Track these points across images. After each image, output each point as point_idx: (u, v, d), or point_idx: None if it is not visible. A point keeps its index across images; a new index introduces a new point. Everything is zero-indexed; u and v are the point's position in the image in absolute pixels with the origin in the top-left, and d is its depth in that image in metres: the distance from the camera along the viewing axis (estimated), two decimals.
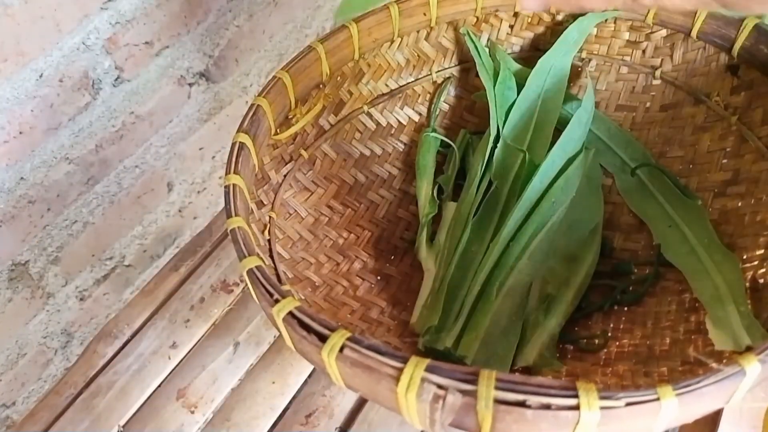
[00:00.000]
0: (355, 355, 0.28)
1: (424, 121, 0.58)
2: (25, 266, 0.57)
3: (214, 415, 0.48)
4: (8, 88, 0.48)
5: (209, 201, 0.76)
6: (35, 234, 0.57)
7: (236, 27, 0.67)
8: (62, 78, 0.52)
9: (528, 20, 0.57)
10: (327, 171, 0.53)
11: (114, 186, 0.62)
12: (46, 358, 0.65)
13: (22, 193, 0.53)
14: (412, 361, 0.27)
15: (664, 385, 0.26)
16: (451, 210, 0.52)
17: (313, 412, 0.47)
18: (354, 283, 0.50)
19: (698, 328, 0.42)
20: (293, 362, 0.50)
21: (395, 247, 0.54)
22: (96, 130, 0.57)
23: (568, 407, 0.26)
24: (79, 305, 0.65)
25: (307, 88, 0.49)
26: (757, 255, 0.43)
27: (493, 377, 0.26)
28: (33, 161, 0.53)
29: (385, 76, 0.56)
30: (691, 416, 0.28)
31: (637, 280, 0.48)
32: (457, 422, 0.28)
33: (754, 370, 0.27)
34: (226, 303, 0.54)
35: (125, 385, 0.50)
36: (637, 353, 0.42)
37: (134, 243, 0.68)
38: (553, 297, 0.47)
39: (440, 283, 0.47)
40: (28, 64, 0.49)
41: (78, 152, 0.57)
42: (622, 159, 0.54)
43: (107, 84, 0.56)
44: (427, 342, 0.44)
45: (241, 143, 0.41)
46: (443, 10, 0.53)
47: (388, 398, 0.28)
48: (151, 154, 0.64)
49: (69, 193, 0.58)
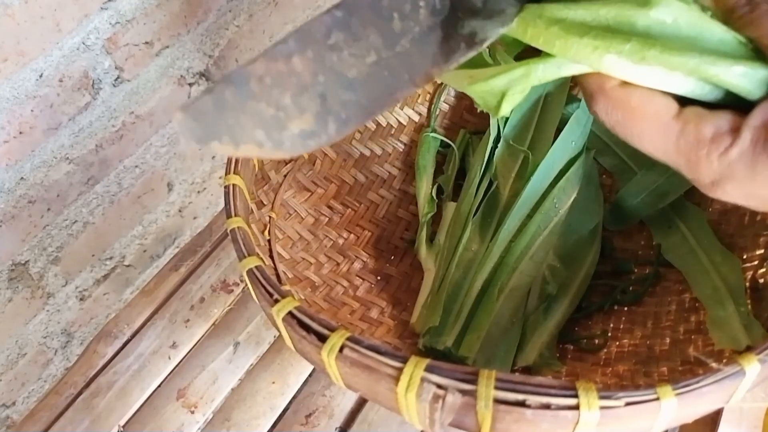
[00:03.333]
0: (354, 355, 0.28)
1: (424, 121, 0.58)
2: (25, 266, 0.57)
3: (214, 415, 0.48)
4: (8, 88, 0.48)
5: (209, 201, 0.76)
6: (35, 234, 0.57)
7: (236, 27, 0.67)
8: (62, 78, 0.52)
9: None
10: (327, 171, 0.53)
11: (114, 186, 0.62)
12: (46, 358, 0.65)
13: (22, 193, 0.53)
14: (412, 361, 0.27)
15: (664, 385, 0.26)
16: (450, 210, 0.52)
17: (313, 412, 0.47)
18: (354, 283, 0.50)
19: (698, 328, 0.42)
20: (293, 362, 0.50)
21: (395, 247, 0.54)
22: (96, 130, 0.57)
23: (568, 407, 0.26)
24: (79, 305, 0.65)
25: None
26: (757, 255, 0.43)
27: (493, 377, 0.26)
28: (33, 161, 0.53)
29: None
30: (691, 416, 0.28)
31: (637, 280, 0.48)
32: (456, 422, 0.28)
33: (753, 370, 0.27)
34: (226, 303, 0.54)
35: (125, 385, 0.50)
36: (637, 353, 0.42)
37: (134, 243, 0.68)
38: (553, 297, 0.47)
39: (440, 283, 0.47)
40: (28, 64, 0.49)
41: (78, 152, 0.57)
42: (622, 159, 0.54)
43: (107, 84, 0.56)
44: (427, 342, 0.44)
45: None
46: None
47: (388, 398, 0.28)
48: (151, 154, 0.64)
49: (69, 193, 0.58)
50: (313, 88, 0.23)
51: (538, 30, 0.25)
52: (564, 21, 0.24)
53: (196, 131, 0.21)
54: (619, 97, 0.24)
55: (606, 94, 0.25)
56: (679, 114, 0.24)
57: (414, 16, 0.24)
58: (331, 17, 0.23)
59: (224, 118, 0.21)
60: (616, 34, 0.24)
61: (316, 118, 0.23)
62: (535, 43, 0.25)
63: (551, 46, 0.24)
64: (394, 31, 0.24)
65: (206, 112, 0.21)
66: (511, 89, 0.26)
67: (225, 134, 0.21)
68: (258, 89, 0.22)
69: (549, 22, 0.25)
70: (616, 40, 0.23)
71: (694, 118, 0.24)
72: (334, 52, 0.23)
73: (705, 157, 0.23)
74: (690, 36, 0.23)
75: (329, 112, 0.23)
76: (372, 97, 0.24)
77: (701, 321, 0.42)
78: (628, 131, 0.25)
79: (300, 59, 0.22)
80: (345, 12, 0.23)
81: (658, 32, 0.23)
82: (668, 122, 0.24)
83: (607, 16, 0.24)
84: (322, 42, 0.23)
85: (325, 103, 0.23)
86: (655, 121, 0.24)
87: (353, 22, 0.23)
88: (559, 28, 0.24)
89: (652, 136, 0.24)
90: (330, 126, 0.23)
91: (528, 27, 0.25)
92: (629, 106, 0.24)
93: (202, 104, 0.21)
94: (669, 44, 0.23)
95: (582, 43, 0.24)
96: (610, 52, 0.23)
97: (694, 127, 0.23)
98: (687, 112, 0.24)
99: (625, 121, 0.25)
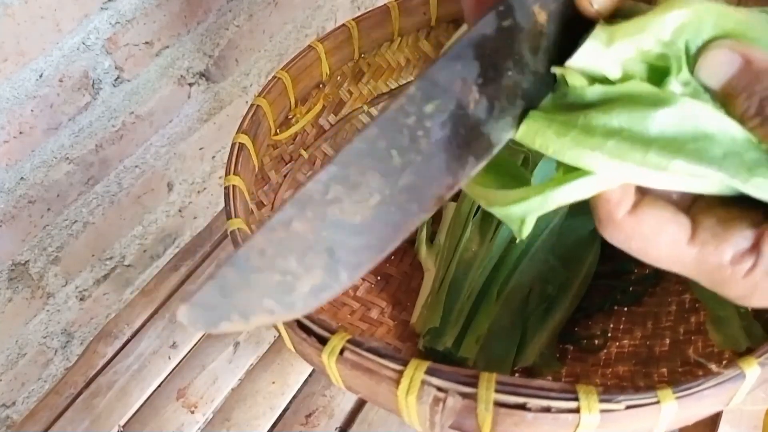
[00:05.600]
0: (355, 357, 0.28)
1: None
2: (25, 266, 0.57)
3: (214, 415, 0.48)
4: (8, 88, 0.48)
5: (209, 201, 0.76)
6: (35, 234, 0.57)
7: (236, 27, 0.67)
8: (62, 78, 0.52)
9: None
10: None
11: (114, 186, 0.62)
12: (46, 358, 0.65)
13: (22, 193, 0.53)
14: (412, 364, 0.27)
15: (664, 388, 0.26)
16: (451, 210, 0.52)
17: (313, 412, 0.47)
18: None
19: (698, 328, 0.42)
20: (293, 362, 0.50)
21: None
22: (96, 130, 0.57)
23: (568, 410, 0.26)
24: (79, 305, 0.65)
25: (307, 88, 0.49)
26: None
27: (493, 380, 0.26)
28: (33, 161, 0.53)
29: (386, 75, 0.55)
30: (691, 419, 0.28)
31: (637, 280, 0.48)
32: (457, 425, 0.28)
33: (753, 373, 0.27)
34: None
35: (125, 385, 0.50)
36: (637, 354, 0.42)
37: (134, 243, 0.68)
38: (553, 297, 0.47)
39: (440, 283, 0.47)
40: (28, 64, 0.49)
41: (78, 152, 0.56)
42: None
43: (107, 84, 0.56)
44: (427, 342, 0.44)
45: (241, 144, 0.41)
46: (443, 10, 0.53)
47: (389, 400, 0.28)
48: (151, 154, 0.64)
49: (69, 193, 0.58)
50: (317, 245, 0.22)
51: (547, 140, 0.24)
52: (575, 130, 0.23)
53: (202, 320, 0.20)
54: (630, 226, 0.23)
55: (616, 224, 0.24)
56: (693, 237, 0.23)
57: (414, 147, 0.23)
58: (326, 174, 0.22)
59: (230, 300, 0.21)
60: (632, 141, 0.22)
61: (325, 272, 0.22)
62: (545, 152, 0.24)
63: (562, 156, 0.23)
64: (395, 167, 0.23)
65: (211, 300, 0.21)
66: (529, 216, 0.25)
67: (233, 313, 0.21)
68: (260, 263, 0.21)
69: (559, 132, 0.23)
70: (634, 150, 0.22)
71: (711, 240, 0.22)
72: (334, 205, 0.22)
73: (729, 278, 0.22)
74: (707, 135, 0.22)
75: (338, 263, 0.22)
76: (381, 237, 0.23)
77: (701, 322, 0.42)
78: (645, 257, 0.24)
79: (300, 222, 0.22)
80: (340, 166, 0.22)
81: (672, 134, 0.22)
82: (684, 249, 0.23)
83: (620, 121, 0.22)
84: (320, 199, 0.22)
85: (333, 256, 0.22)
86: (671, 249, 0.23)
87: (351, 173, 0.22)
88: (571, 139, 0.23)
89: (670, 262, 0.24)
90: (342, 275, 0.22)
91: (536, 136, 0.24)
92: (642, 236, 0.23)
93: (205, 294, 0.20)
94: (687, 149, 0.22)
95: (594, 156, 0.22)
96: (627, 162, 0.22)
97: (714, 250, 0.22)
98: (702, 233, 0.23)
99: (639, 249, 0.24)
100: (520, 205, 0.25)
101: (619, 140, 0.22)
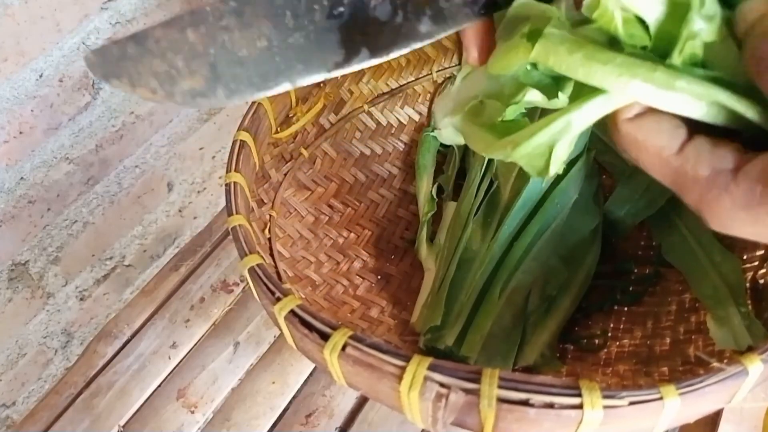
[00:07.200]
0: (357, 353, 0.28)
1: (424, 120, 0.58)
2: (25, 266, 0.57)
3: (214, 415, 0.48)
4: (8, 88, 0.48)
5: (209, 201, 0.76)
6: (35, 234, 0.57)
7: None
8: (62, 78, 0.52)
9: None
10: (327, 170, 0.53)
11: (114, 186, 0.62)
12: (46, 358, 0.64)
13: (22, 193, 0.53)
14: (415, 360, 0.27)
15: (667, 384, 0.26)
16: (451, 209, 0.52)
17: (313, 412, 0.47)
18: (354, 282, 0.50)
19: (698, 328, 0.42)
20: (293, 362, 0.50)
21: (395, 247, 0.54)
22: (96, 130, 0.57)
23: (572, 406, 0.25)
24: (79, 305, 0.65)
25: (307, 86, 0.49)
26: (757, 255, 0.43)
27: (496, 376, 0.26)
28: (33, 161, 0.53)
29: (386, 75, 0.56)
30: (693, 415, 0.28)
31: (637, 280, 0.48)
32: (459, 421, 0.27)
33: (756, 370, 0.27)
34: (226, 303, 0.54)
35: (125, 385, 0.50)
36: (638, 353, 0.42)
37: (134, 243, 0.68)
38: (553, 297, 0.47)
39: (441, 283, 0.47)
40: (28, 64, 0.49)
41: (78, 152, 0.56)
42: (622, 159, 0.54)
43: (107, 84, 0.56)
44: (428, 341, 0.44)
45: (242, 141, 0.41)
46: None
47: (390, 397, 0.28)
48: (151, 154, 0.64)
49: (69, 193, 0.58)
50: (204, 57, 0.26)
51: (560, 57, 0.25)
52: (587, 47, 0.24)
53: (100, 69, 0.25)
54: (627, 130, 0.25)
55: (617, 127, 0.25)
56: (681, 150, 0.24)
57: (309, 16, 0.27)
58: (225, 5, 0.26)
59: (125, 64, 0.25)
60: (642, 58, 0.23)
61: (205, 82, 0.26)
62: (558, 69, 0.25)
63: (575, 73, 0.24)
64: (287, 25, 0.26)
65: (110, 57, 0.25)
66: (557, 144, 0.26)
67: (124, 76, 0.25)
68: (154, 48, 0.25)
69: (571, 49, 0.24)
70: (643, 68, 0.23)
71: (693, 156, 0.23)
72: (225, 32, 0.26)
73: (703, 197, 0.23)
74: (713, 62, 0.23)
75: (218, 80, 0.26)
76: (262, 76, 0.26)
77: (701, 321, 0.42)
78: (636, 161, 0.25)
79: (193, 32, 0.25)
80: (239, 2, 0.26)
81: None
82: (668, 158, 0.24)
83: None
84: (215, 23, 0.26)
85: (215, 71, 0.26)
86: (657, 156, 0.24)
87: (246, 11, 0.26)
88: (583, 55, 0.24)
89: (654, 169, 0.25)
90: (219, 92, 0.26)
91: (550, 54, 0.25)
92: (636, 140, 0.25)
93: (107, 50, 0.25)
94: (694, 72, 0.23)
95: (606, 70, 0.23)
96: (636, 79, 0.23)
97: (692, 167, 0.23)
98: (689, 148, 0.24)
99: (632, 152, 0.25)
100: (545, 132, 0.26)
101: (628, 55, 0.24)
